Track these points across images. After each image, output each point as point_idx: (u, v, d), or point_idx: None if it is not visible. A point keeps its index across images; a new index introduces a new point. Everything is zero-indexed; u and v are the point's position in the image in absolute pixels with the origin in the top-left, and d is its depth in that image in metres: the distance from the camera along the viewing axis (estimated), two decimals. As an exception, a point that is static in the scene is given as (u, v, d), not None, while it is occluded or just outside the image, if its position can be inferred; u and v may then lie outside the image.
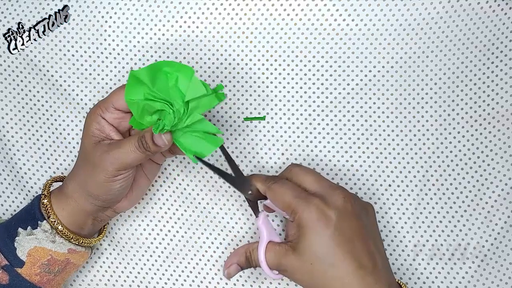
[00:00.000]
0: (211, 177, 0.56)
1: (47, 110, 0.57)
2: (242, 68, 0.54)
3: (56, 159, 0.58)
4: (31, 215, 0.50)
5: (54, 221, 0.49)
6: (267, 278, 0.56)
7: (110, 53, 0.55)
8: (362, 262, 0.45)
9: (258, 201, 0.50)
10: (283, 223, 0.55)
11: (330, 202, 0.46)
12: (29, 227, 0.49)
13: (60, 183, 0.53)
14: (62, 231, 0.49)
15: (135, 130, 0.49)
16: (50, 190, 0.51)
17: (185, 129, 0.47)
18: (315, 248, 0.45)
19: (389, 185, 0.55)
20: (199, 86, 0.45)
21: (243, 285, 0.56)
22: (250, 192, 0.49)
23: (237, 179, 0.49)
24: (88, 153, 0.48)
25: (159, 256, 0.57)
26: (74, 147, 0.57)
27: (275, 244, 0.47)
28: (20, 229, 0.49)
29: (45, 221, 0.49)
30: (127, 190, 0.50)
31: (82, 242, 0.51)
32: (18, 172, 0.58)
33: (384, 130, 0.54)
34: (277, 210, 0.49)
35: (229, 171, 0.50)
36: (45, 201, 0.50)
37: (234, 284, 0.57)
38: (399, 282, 0.48)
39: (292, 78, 0.54)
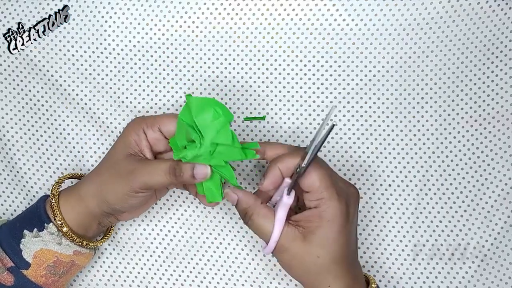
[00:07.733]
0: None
1: (47, 110, 0.57)
2: (242, 68, 0.54)
3: (56, 159, 0.58)
4: (36, 217, 0.50)
5: (61, 224, 0.49)
6: (267, 278, 0.56)
7: (110, 53, 0.55)
8: (353, 259, 0.48)
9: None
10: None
11: (350, 201, 0.46)
12: (35, 229, 0.49)
13: (66, 181, 0.53)
14: (68, 233, 0.49)
15: (166, 154, 0.51)
16: (59, 190, 0.51)
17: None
18: (328, 243, 0.45)
19: (389, 185, 0.55)
20: (227, 135, 0.46)
21: (243, 285, 0.56)
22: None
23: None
24: (117, 162, 0.48)
25: (159, 256, 0.57)
26: (74, 147, 0.57)
27: (287, 223, 0.46)
28: (25, 231, 0.49)
29: (51, 223, 0.49)
30: (141, 205, 0.51)
31: (87, 244, 0.51)
32: (18, 172, 0.58)
33: (384, 130, 0.54)
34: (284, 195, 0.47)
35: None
36: (53, 201, 0.50)
37: (234, 284, 0.57)
38: (366, 275, 0.50)
39: (292, 78, 0.54)
